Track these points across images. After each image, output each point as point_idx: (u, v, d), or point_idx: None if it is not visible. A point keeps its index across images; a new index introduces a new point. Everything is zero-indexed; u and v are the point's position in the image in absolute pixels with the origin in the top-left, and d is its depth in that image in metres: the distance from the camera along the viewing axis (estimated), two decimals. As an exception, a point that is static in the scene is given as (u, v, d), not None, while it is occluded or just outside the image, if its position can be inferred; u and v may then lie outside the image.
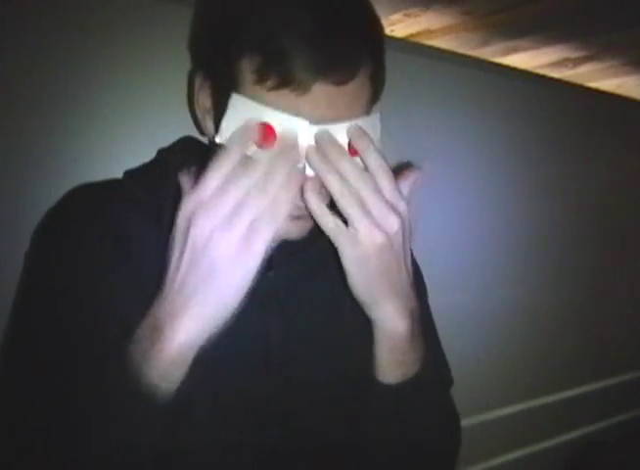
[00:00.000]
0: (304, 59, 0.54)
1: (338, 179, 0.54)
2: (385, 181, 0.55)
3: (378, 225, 0.54)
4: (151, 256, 0.59)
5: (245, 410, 0.66)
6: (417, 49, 1.27)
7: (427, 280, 0.85)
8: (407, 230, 0.57)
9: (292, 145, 0.53)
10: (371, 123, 0.59)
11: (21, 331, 0.62)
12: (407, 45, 1.28)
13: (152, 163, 0.73)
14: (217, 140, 0.56)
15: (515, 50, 1.41)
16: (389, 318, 0.60)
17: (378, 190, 0.54)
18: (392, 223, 0.55)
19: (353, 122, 0.56)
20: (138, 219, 0.64)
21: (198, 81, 0.65)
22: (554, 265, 1.59)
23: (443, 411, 0.74)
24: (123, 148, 0.88)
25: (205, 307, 0.52)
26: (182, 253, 0.51)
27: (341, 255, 0.56)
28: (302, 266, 0.70)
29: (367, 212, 0.54)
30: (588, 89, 1.67)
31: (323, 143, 0.55)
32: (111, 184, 0.69)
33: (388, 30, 1.26)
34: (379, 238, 0.54)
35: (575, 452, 1.70)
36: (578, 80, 1.64)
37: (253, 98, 0.55)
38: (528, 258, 1.52)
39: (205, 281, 0.51)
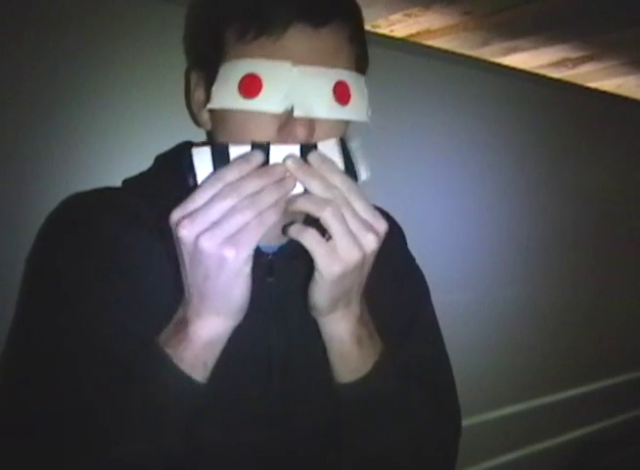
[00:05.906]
0: (278, 3, 0.57)
1: (326, 196, 0.54)
2: (357, 202, 0.55)
3: (357, 244, 0.54)
4: (146, 266, 0.62)
5: (247, 415, 0.66)
6: (417, 49, 1.27)
7: (427, 280, 0.84)
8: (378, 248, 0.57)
9: (281, 170, 0.54)
10: (356, 80, 0.61)
11: (20, 340, 0.64)
12: (407, 45, 1.28)
13: (149, 173, 0.73)
14: (208, 106, 0.60)
15: (515, 50, 1.41)
16: (335, 323, 0.61)
17: (353, 208, 0.55)
18: (370, 242, 0.55)
19: (338, 70, 0.59)
20: (132, 230, 0.65)
21: (193, 79, 0.69)
22: (554, 265, 1.59)
23: (419, 412, 0.71)
24: (122, 148, 0.88)
25: (211, 307, 0.55)
26: (183, 261, 0.55)
27: (317, 267, 0.55)
28: (303, 271, 0.70)
29: (348, 229, 0.54)
30: (588, 89, 1.66)
31: (312, 159, 0.55)
32: (107, 194, 0.70)
33: (387, 30, 1.26)
34: (355, 256, 0.54)
35: (575, 452, 1.70)
36: (578, 80, 1.64)
37: (239, 57, 0.58)
38: (529, 257, 1.52)
39: (204, 282, 0.54)
